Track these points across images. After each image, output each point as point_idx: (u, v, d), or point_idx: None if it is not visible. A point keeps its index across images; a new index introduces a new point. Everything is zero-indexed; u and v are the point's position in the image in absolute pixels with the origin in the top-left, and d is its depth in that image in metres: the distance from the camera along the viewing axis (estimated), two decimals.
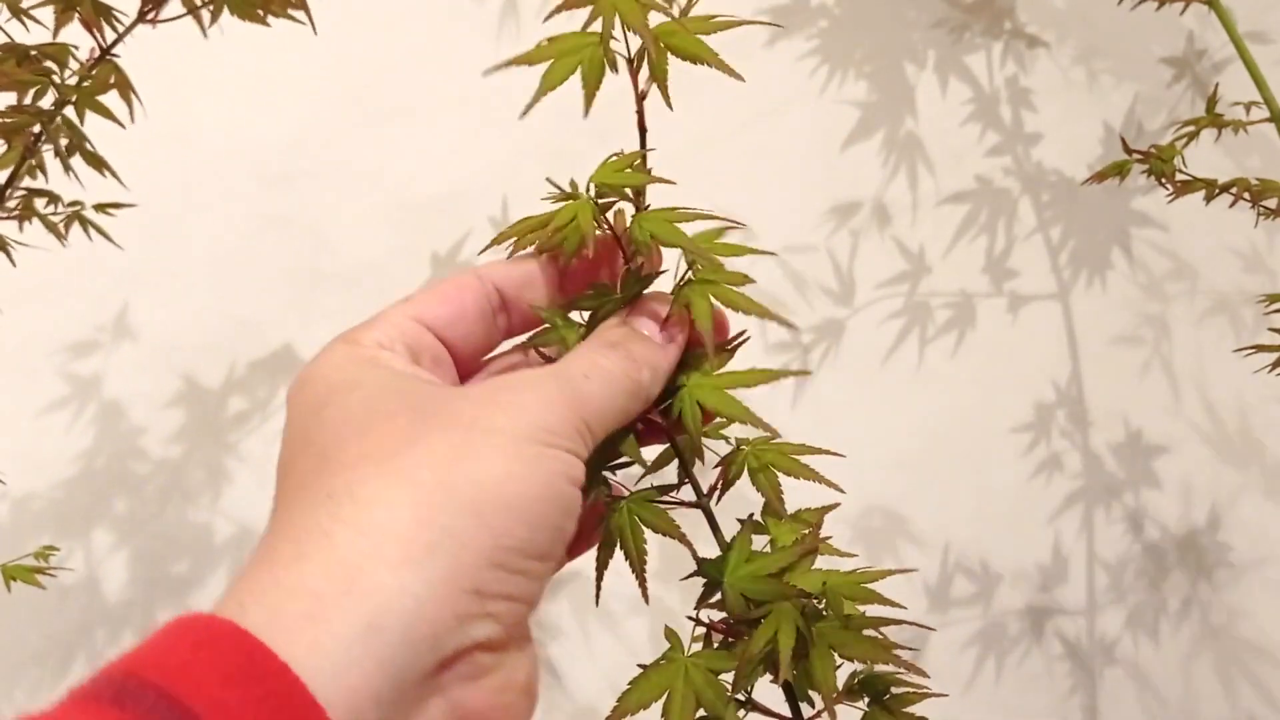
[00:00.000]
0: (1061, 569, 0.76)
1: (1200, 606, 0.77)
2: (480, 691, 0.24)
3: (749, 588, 0.29)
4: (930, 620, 0.75)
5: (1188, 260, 0.77)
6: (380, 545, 0.22)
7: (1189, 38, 0.76)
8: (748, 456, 0.31)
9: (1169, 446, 0.77)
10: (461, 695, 0.24)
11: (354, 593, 0.21)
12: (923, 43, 0.76)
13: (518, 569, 0.24)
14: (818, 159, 0.75)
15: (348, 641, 0.21)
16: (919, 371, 0.76)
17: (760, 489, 0.31)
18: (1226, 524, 0.77)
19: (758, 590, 0.29)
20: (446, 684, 0.23)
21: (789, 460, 0.31)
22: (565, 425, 0.26)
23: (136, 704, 0.20)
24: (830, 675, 0.28)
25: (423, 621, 0.22)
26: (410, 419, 0.25)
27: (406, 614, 0.22)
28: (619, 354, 0.29)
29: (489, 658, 0.24)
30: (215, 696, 0.20)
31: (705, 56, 0.29)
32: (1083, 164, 0.76)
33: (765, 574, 0.29)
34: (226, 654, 0.20)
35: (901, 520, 0.76)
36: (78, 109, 0.47)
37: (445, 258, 0.72)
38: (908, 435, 0.76)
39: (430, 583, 0.22)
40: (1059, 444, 0.76)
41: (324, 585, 0.22)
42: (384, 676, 0.21)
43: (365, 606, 0.21)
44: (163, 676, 0.20)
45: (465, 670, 0.24)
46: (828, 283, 0.75)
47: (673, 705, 0.28)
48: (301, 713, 0.20)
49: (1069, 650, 0.76)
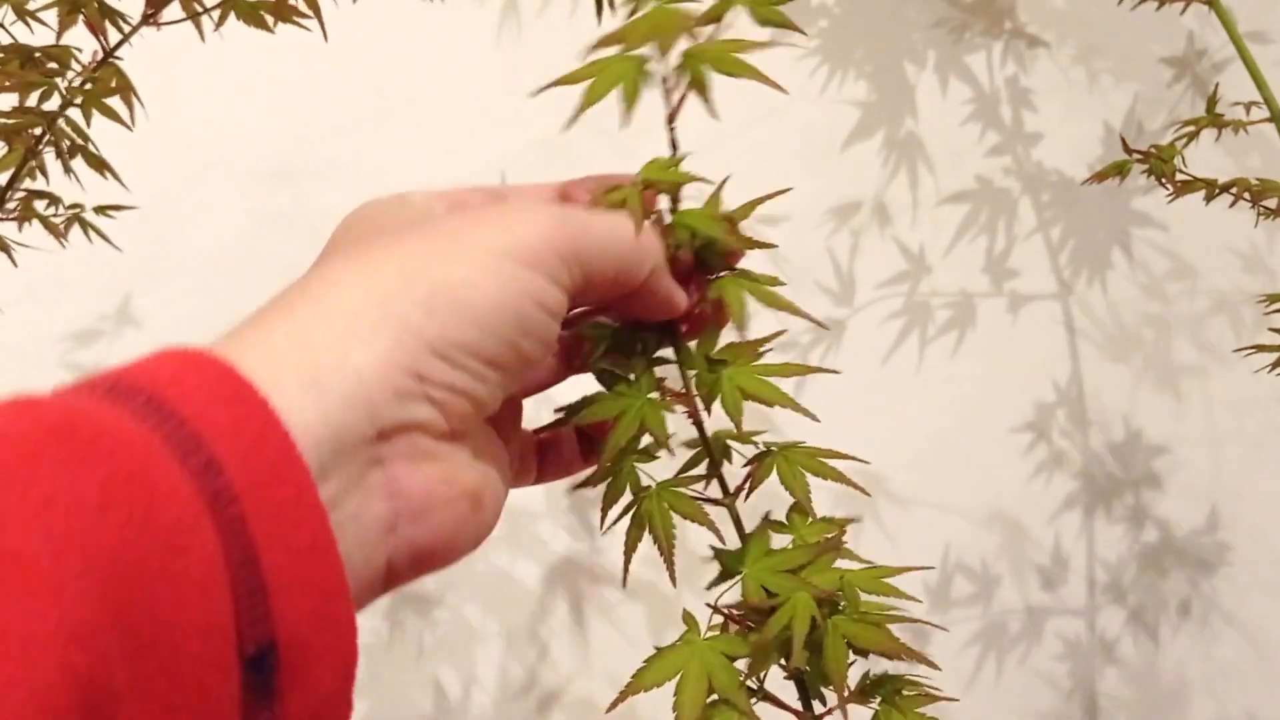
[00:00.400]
0: (1061, 569, 0.76)
1: (1200, 606, 0.77)
2: (419, 475, 0.25)
3: (769, 580, 0.30)
4: (931, 619, 0.75)
5: (1188, 260, 0.77)
6: (331, 317, 0.24)
7: (1189, 38, 0.76)
8: (778, 459, 0.32)
9: (1169, 446, 0.77)
10: (399, 472, 0.24)
11: (302, 351, 0.23)
12: (923, 43, 0.76)
13: (461, 364, 0.25)
14: (818, 159, 0.76)
15: (295, 389, 0.22)
16: (919, 371, 0.76)
17: (790, 490, 0.32)
18: (1226, 524, 0.77)
19: (776, 583, 0.30)
20: (387, 457, 0.24)
21: (818, 464, 0.32)
22: (548, 250, 0.26)
23: (128, 401, 0.20)
24: (843, 665, 0.29)
25: (361, 387, 0.23)
26: (404, 230, 0.27)
27: (346, 378, 0.23)
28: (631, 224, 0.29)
29: (430, 443, 0.25)
30: (201, 408, 0.21)
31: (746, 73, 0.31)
32: (1083, 164, 0.76)
33: (785, 569, 0.30)
34: (210, 377, 0.21)
35: (901, 519, 0.76)
36: (82, 111, 0.47)
37: None
38: (908, 435, 0.76)
39: (372, 355, 0.23)
40: (1059, 444, 0.77)
41: (279, 342, 0.23)
42: (325, 427, 0.22)
43: (310, 363, 0.23)
44: (153, 384, 0.21)
45: (405, 449, 0.24)
46: (828, 282, 0.76)
47: (685, 686, 0.29)
48: (277, 440, 0.21)
49: (1069, 650, 0.76)
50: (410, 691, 0.73)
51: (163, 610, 0.18)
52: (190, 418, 0.20)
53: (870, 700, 0.31)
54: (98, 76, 0.47)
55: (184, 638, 0.19)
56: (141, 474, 0.19)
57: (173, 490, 0.19)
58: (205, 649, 0.19)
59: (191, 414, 0.20)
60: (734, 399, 0.31)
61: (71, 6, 0.46)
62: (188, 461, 0.20)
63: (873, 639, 0.29)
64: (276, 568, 0.20)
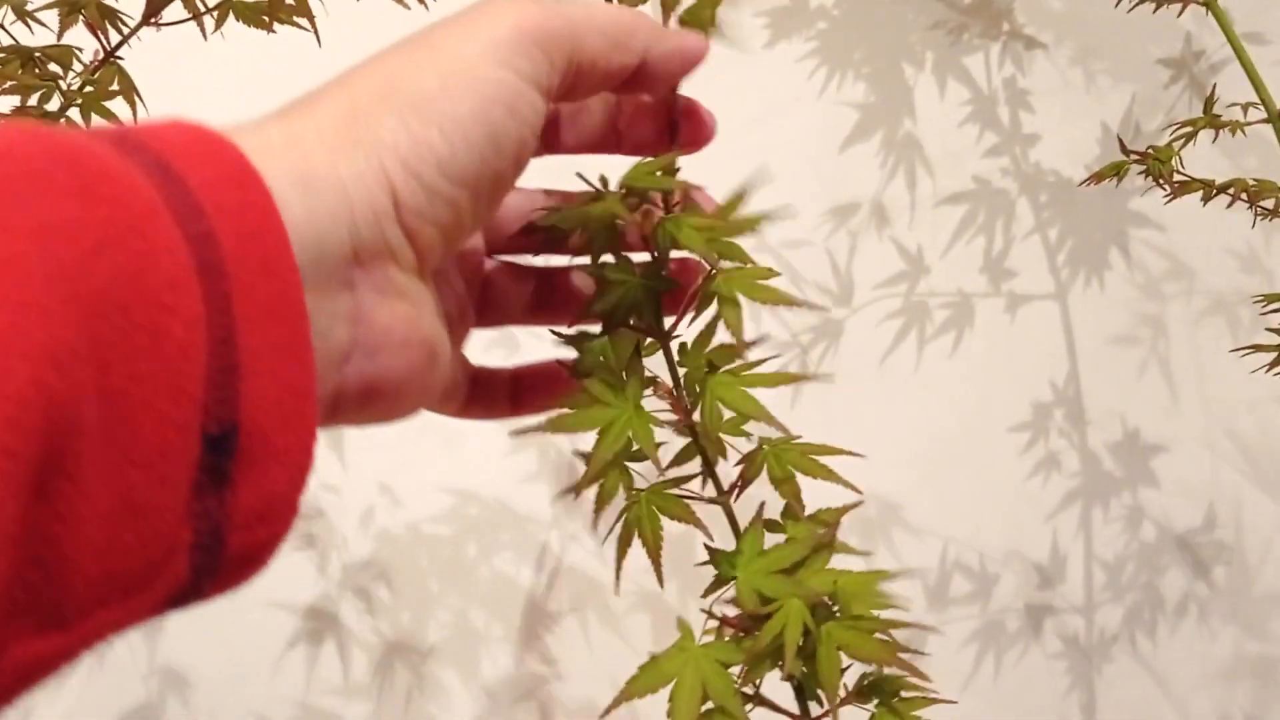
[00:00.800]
0: (1059, 567, 0.77)
1: (1197, 604, 0.77)
2: (384, 310, 0.25)
3: (762, 584, 0.29)
4: (929, 618, 0.75)
5: (1185, 260, 0.77)
6: (321, 128, 0.24)
7: (1186, 39, 0.77)
8: (768, 457, 0.31)
9: (1166, 446, 0.77)
10: (367, 301, 0.24)
11: (296, 152, 0.23)
12: (921, 44, 0.76)
13: (432, 184, 0.24)
14: (816, 160, 0.76)
15: (286, 186, 0.22)
16: (917, 371, 0.76)
17: (780, 491, 0.31)
18: (1223, 523, 0.77)
19: (770, 587, 0.29)
20: (358, 283, 0.24)
21: (809, 461, 0.31)
22: (526, 42, 0.26)
23: (136, 155, 0.20)
24: (835, 674, 0.29)
25: (345, 201, 0.23)
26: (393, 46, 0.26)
27: (333, 187, 0.23)
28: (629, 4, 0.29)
29: (401, 278, 0.25)
30: (208, 183, 0.20)
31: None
32: (1080, 164, 0.76)
33: (778, 569, 0.29)
34: (220, 157, 0.21)
35: (900, 519, 0.76)
36: (83, 112, 0.47)
37: None
38: (906, 435, 0.76)
39: (354, 170, 0.23)
40: (1057, 443, 0.77)
41: (275, 140, 0.23)
42: (310, 231, 0.22)
43: (302, 165, 0.23)
44: (162, 148, 0.21)
45: (377, 279, 0.24)
46: (826, 283, 0.76)
47: (679, 693, 0.29)
48: (274, 233, 0.21)
49: (1067, 648, 0.76)
50: (411, 692, 0.73)
51: (140, 361, 0.18)
52: (195, 188, 0.20)
53: (867, 702, 0.31)
54: (98, 77, 0.47)
55: (154, 392, 0.18)
56: (142, 224, 0.19)
57: (169, 248, 0.19)
58: (172, 409, 0.19)
59: (197, 185, 0.20)
60: (714, 413, 0.30)
61: (71, 7, 0.46)
62: (187, 227, 0.20)
63: (867, 649, 0.29)
64: (252, 353, 0.20)
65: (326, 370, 0.24)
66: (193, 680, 0.71)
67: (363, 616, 0.72)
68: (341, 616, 0.72)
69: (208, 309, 0.19)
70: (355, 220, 0.23)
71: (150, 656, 0.71)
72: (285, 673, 0.72)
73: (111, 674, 0.71)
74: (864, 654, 0.29)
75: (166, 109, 0.54)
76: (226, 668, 0.72)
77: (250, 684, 0.72)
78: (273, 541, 0.22)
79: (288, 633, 0.72)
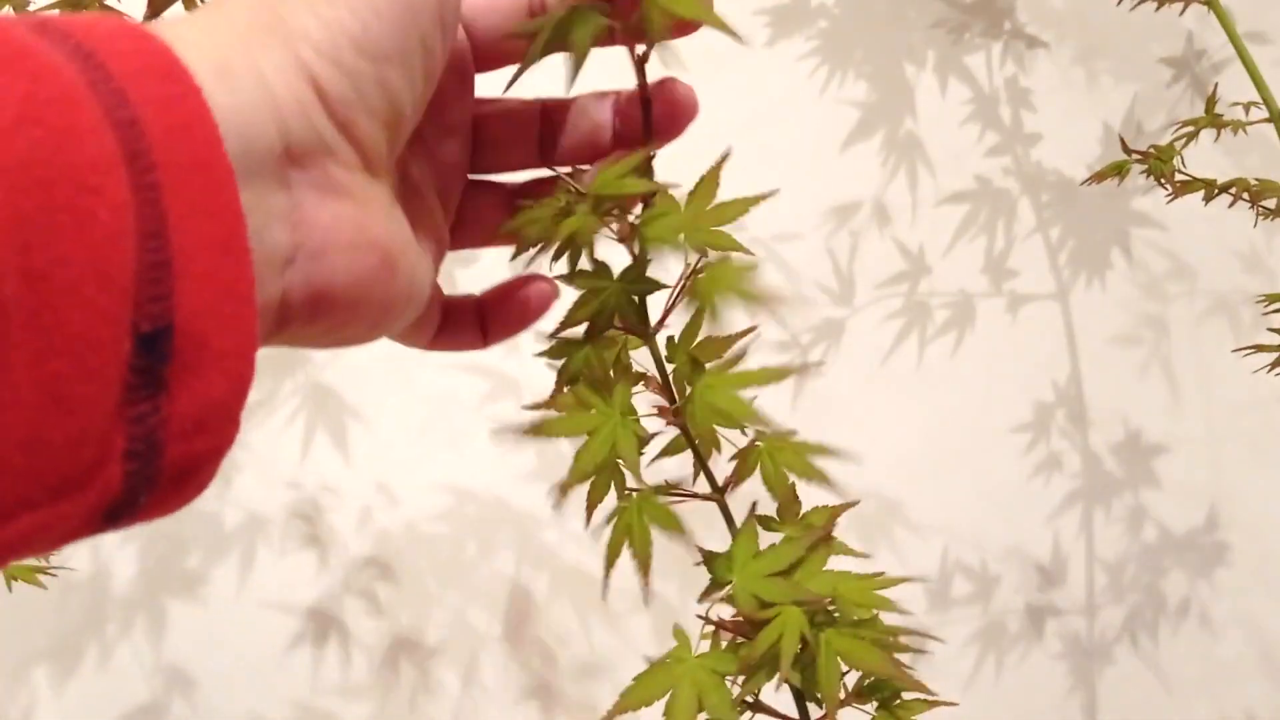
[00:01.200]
0: (1061, 568, 0.77)
1: (1199, 606, 0.77)
2: (326, 210, 0.24)
3: (759, 587, 0.29)
4: (930, 619, 0.75)
5: (1187, 260, 0.77)
6: (233, 22, 0.23)
7: (1188, 38, 0.76)
8: (763, 455, 0.30)
9: (1168, 446, 0.77)
10: (306, 200, 0.23)
11: (212, 43, 0.22)
12: (922, 43, 0.76)
13: (353, 67, 0.23)
14: (817, 159, 0.76)
15: (207, 77, 0.21)
16: (918, 371, 0.76)
17: (773, 493, 0.30)
18: (1225, 524, 0.77)
19: (768, 591, 0.29)
20: (295, 183, 0.23)
21: (803, 463, 0.30)
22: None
23: (58, 42, 0.19)
24: (834, 682, 0.28)
25: (267, 92, 0.22)
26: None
27: (253, 79, 0.22)
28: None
29: (342, 174, 0.24)
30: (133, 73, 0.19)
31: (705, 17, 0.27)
32: (1082, 164, 0.76)
33: (775, 572, 0.29)
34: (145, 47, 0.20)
35: (901, 520, 0.76)
36: None
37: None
38: (907, 435, 0.76)
39: (271, 61, 0.22)
40: (1058, 444, 0.77)
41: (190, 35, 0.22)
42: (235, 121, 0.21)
43: (220, 58, 0.22)
44: (85, 35, 0.20)
45: (316, 178, 0.23)
46: (827, 282, 0.76)
47: (675, 705, 0.28)
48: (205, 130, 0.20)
49: (1068, 649, 0.76)
50: (413, 694, 0.73)
51: (63, 243, 0.17)
52: (119, 77, 0.19)
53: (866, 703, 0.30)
54: None
55: (80, 278, 0.17)
56: (64, 102, 0.18)
57: (93, 129, 0.18)
58: (100, 297, 0.18)
59: (121, 74, 0.19)
60: (706, 419, 0.29)
61: (73, 7, 0.46)
62: (112, 113, 0.19)
63: (867, 660, 0.28)
64: (185, 252, 0.19)
65: (267, 274, 0.22)
66: (196, 680, 0.71)
67: (364, 617, 0.72)
68: (343, 616, 0.72)
69: (135, 198, 0.18)
70: (281, 113, 0.22)
71: (154, 656, 0.71)
72: (288, 673, 0.72)
73: (115, 673, 0.71)
74: (864, 664, 0.29)
75: None
76: (229, 668, 0.72)
77: (253, 684, 0.72)
78: (213, 455, 0.21)
79: (290, 633, 0.72)
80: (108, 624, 0.71)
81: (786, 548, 0.29)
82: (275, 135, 0.22)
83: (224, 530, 0.71)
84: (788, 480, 0.30)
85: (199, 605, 0.71)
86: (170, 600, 0.71)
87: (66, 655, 0.70)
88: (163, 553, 0.71)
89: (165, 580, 0.71)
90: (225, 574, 0.71)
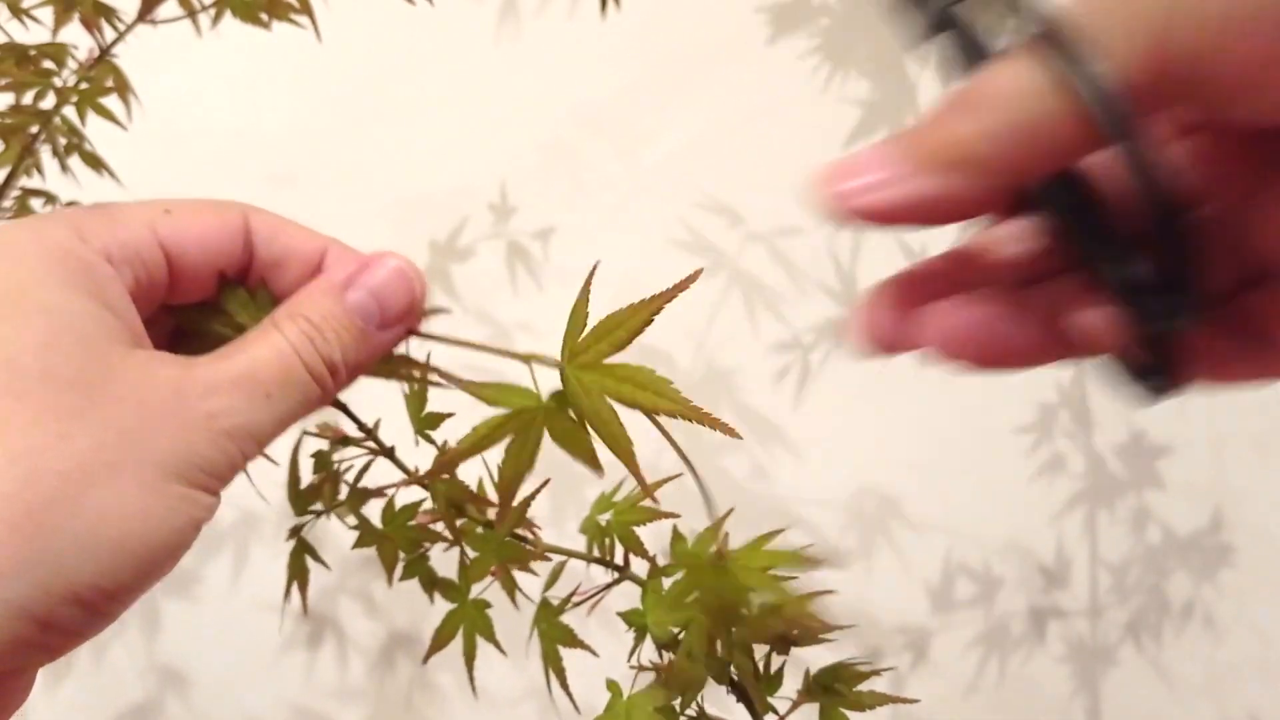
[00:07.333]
0: (1064, 570, 0.76)
1: (1203, 608, 0.77)
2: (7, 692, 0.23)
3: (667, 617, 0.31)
4: (932, 622, 0.75)
5: None
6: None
7: None
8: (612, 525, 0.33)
9: (1172, 447, 0.77)
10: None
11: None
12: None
13: (101, 611, 0.22)
14: (819, 157, 0.75)
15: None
16: (921, 372, 0.76)
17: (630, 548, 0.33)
18: (1229, 525, 0.77)
19: (676, 617, 0.31)
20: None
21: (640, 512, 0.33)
22: (233, 457, 0.24)
23: None
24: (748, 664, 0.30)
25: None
26: (74, 394, 0.22)
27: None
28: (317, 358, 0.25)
29: (16, 680, 0.24)
30: None
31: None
32: None
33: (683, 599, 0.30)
34: None
35: (903, 520, 0.75)
36: (78, 110, 0.47)
37: (444, 245, 0.72)
38: (910, 436, 0.75)
39: (4, 600, 0.20)
40: (1062, 445, 0.76)
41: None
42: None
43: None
44: None
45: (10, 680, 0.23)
46: (830, 283, 0.75)
47: None
48: None
49: (1072, 652, 0.76)
50: (413, 697, 0.72)
51: None
52: None
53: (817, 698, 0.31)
54: (93, 75, 0.47)
55: None
56: None
57: None
58: None
59: None
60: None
61: (66, 4, 0.46)
62: None
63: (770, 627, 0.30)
64: None
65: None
66: (190, 679, 0.71)
67: (360, 618, 0.72)
68: (338, 617, 0.72)
69: None
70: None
71: (148, 656, 0.70)
72: (283, 673, 0.72)
73: (109, 673, 0.70)
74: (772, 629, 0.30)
75: (164, 104, 0.54)
76: (224, 669, 0.71)
77: (247, 684, 0.71)
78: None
79: (285, 633, 0.71)
80: None
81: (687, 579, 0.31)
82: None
83: (218, 529, 0.71)
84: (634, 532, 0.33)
85: (193, 604, 0.71)
86: (164, 599, 0.71)
87: (58, 664, 0.70)
88: None
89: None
90: (219, 573, 0.71)
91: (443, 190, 0.73)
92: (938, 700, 0.72)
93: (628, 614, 0.32)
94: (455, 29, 0.72)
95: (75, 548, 0.21)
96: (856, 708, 0.31)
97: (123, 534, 0.21)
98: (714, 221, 0.72)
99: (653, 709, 0.30)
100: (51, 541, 0.21)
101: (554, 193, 0.72)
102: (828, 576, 0.30)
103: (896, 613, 0.74)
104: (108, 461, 0.21)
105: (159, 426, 0.22)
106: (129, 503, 0.22)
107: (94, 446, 0.21)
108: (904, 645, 0.74)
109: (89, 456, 0.21)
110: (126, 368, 0.23)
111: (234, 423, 0.24)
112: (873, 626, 0.74)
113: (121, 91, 0.48)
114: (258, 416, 0.24)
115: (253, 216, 0.28)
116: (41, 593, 0.21)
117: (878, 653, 0.72)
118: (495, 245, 0.72)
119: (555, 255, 0.72)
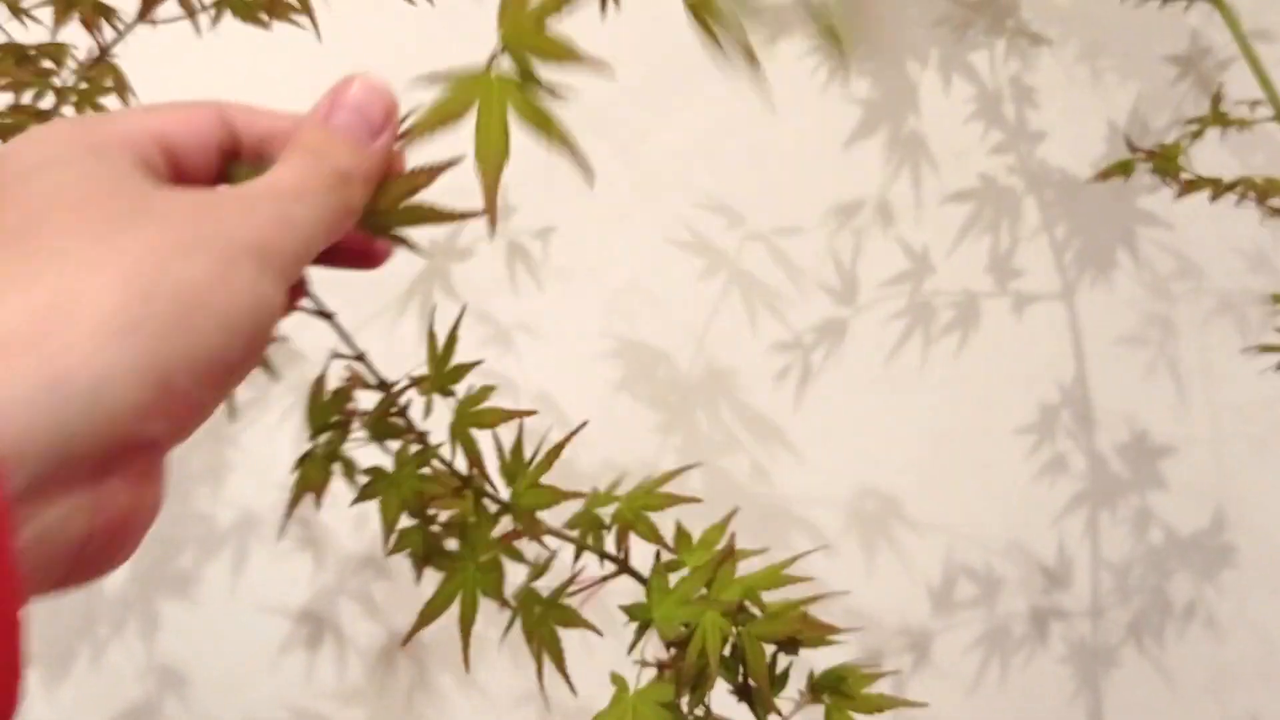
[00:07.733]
0: (1066, 571, 0.76)
1: (1205, 608, 0.76)
2: (127, 498, 0.23)
3: (677, 613, 0.31)
4: (934, 623, 0.75)
5: (1193, 259, 0.77)
6: (80, 310, 0.21)
7: (1193, 36, 0.76)
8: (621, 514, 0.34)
9: (1174, 447, 0.77)
10: (113, 492, 0.23)
11: (43, 344, 0.21)
12: (925, 40, 0.76)
13: (204, 377, 0.23)
14: (820, 157, 0.75)
15: (30, 388, 0.20)
16: (922, 372, 0.76)
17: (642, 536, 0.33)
18: (1231, 525, 0.77)
19: (686, 613, 0.31)
20: (107, 477, 0.23)
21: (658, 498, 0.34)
22: (280, 248, 0.25)
23: None
24: (762, 664, 0.30)
25: (104, 398, 0.21)
26: (132, 204, 0.24)
27: (91, 384, 0.21)
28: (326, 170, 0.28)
29: (150, 465, 0.24)
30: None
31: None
32: (1087, 162, 0.76)
33: (691, 597, 0.31)
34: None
35: (904, 521, 0.75)
36: (77, 110, 0.47)
37: (444, 245, 0.72)
38: (911, 436, 0.75)
39: (123, 363, 0.21)
40: (1063, 445, 0.76)
41: (19, 325, 0.21)
42: (57, 435, 0.20)
43: (54, 365, 0.20)
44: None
45: (129, 469, 0.23)
46: (830, 282, 0.75)
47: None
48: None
49: (1073, 652, 0.76)
50: (413, 698, 0.72)
51: None
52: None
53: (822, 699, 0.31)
54: (92, 75, 0.47)
55: None
56: None
57: None
58: None
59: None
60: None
61: (66, 4, 0.46)
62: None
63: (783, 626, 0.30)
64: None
65: (48, 569, 0.22)
66: (190, 680, 0.71)
67: (359, 619, 0.72)
68: (338, 618, 0.72)
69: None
70: (115, 419, 0.21)
71: (147, 657, 0.70)
72: (282, 675, 0.71)
73: (108, 674, 0.70)
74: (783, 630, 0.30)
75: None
76: (223, 669, 0.71)
77: (246, 686, 0.71)
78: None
79: (284, 634, 0.71)
80: (100, 624, 0.70)
81: (696, 575, 0.32)
82: (107, 438, 0.21)
83: (217, 530, 0.71)
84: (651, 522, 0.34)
85: (192, 606, 0.71)
86: (163, 601, 0.71)
87: (59, 655, 0.70)
88: (155, 553, 0.71)
89: (158, 580, 0.71)
90: (218, 574, 0.71)
91: (442, 190, 0.72)
92: (939, 701, 0.72)
93: (631, 608, 0.32)
94: (455, 29, 0.72)
95: (175, 312, 0.22)
96: (865, 710, 0.31)
97: (210, 298, 0.23)
98: (714, 221, 0.72)
99: (660, 704, 0.30)
100: (148, 310, 0.22)
101: (554, 193, 0.72)
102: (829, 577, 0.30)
103: (897, 613, 0.74)
104: (177, 241, 0.23)
105: (217, 214, 0.24)
106: (213, 272, 0.23)
107: (160, 231, 0.23)
108: (905, 646, 0.73)
109: (161, 238, 0.23)
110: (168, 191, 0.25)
111: (281, 211, 0.26)
112: (874, 627, 0.74)
113: (121, 91, 0.48)
114: (296, 211, 0.26)
115: (226, 107, 0.31)
116: (153, 354, 0.22)
117: (879, 654, 0.72)
118: (495, 245, 0.72)
119: (555, 255, 0.72)
